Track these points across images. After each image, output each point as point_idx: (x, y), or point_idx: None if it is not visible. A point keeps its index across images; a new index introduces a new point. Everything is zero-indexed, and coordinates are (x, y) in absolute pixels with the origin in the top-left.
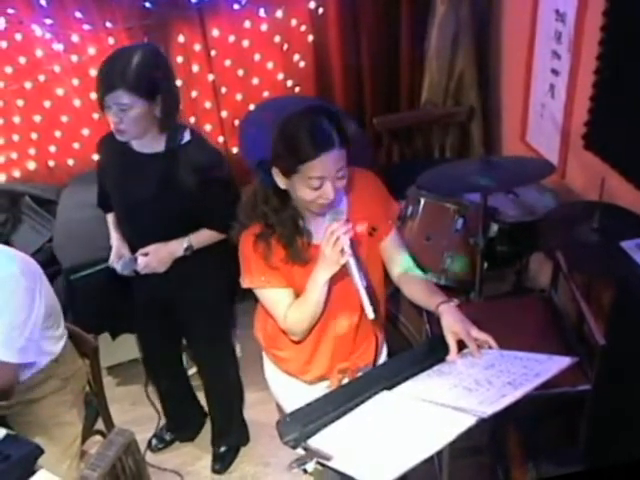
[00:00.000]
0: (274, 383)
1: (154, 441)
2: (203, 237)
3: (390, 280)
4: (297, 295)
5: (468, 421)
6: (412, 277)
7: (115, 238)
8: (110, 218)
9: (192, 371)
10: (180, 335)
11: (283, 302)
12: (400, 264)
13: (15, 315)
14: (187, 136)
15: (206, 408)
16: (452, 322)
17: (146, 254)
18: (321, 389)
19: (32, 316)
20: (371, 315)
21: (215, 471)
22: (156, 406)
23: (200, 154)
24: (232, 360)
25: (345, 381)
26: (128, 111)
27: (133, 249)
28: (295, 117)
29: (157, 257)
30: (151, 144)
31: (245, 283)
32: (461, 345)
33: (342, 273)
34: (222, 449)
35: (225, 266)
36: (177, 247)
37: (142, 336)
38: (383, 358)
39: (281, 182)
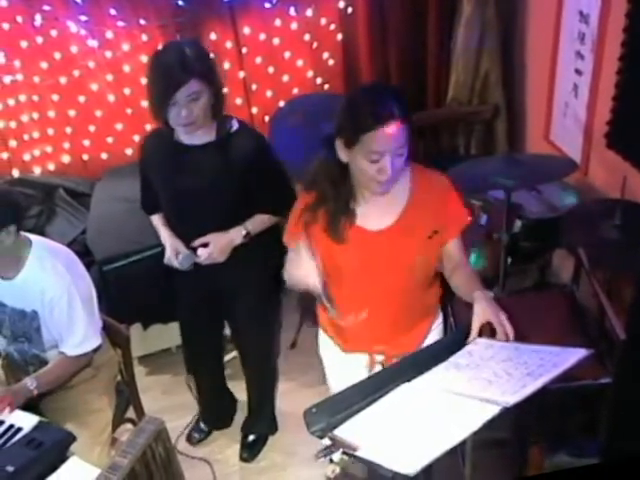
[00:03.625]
0: (320, 343)
1: (195, 435)
2: (259, 222)
3: None
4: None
5: (492, 410)
6: (462, 272)
7: (167, 236)
8: (156, 219)
9: (228, 357)
10: (223, 324)
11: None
12: (458, 265)
13: (93, 300)
14: (235, 124)
15: (236, 397)
16: (485, 306)
17: (205, 245)
18: (355, 361)
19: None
20: (331, 313)
21: (243, 459)
22: (175, 398)
23: (251, 140)
24: (274, 344)
25: (378, 365)
26: (199, 100)
27: (187, 244)
28: (360, 90)
29: (218, 246)
30: (202, 135)
31: (284, 237)
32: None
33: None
34: (251, 438)
35: (274, 253)
36: (236, 235)
37: (186, 326)
38: None
39: (343, 154)
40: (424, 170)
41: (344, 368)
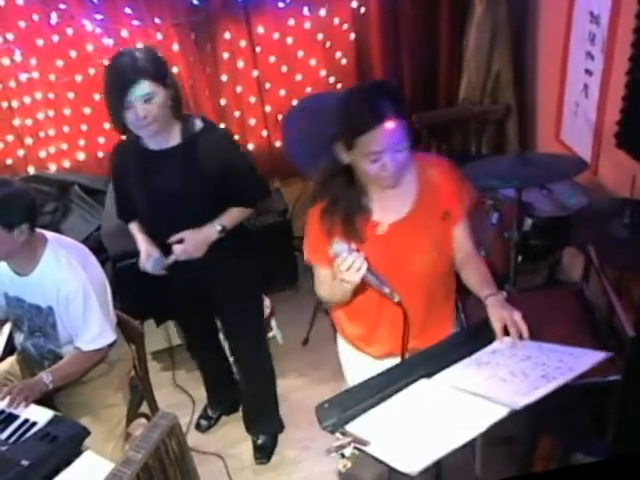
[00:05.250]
0: (344, 358)
1: (202, 422)
2: (233, 216)
3: None
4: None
5: (501, 412)
6: (474, 262)
7: (142, 241)
8: (133, 226)
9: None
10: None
11: (327, 282)
12: (468, 255)
13: (108, 296)
14: (199, 123)
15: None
16: (499, 308)
17: (180, 241)
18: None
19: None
20: (396, 299)
21: (259, 461)
22: (189, 393)
23: (216, 137)
24: (265, 347)
25: None
26: (152, 100)
27: (164, 248)
28: (352, 92)
29: (193, 242)
30: (167, 139)
31: (308, 258)
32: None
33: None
34: (261, 440)
35: (252, 255)
36: (211, 230)
37: (183, 323)
38: None
39: (344, 157)
40: (426, 156)
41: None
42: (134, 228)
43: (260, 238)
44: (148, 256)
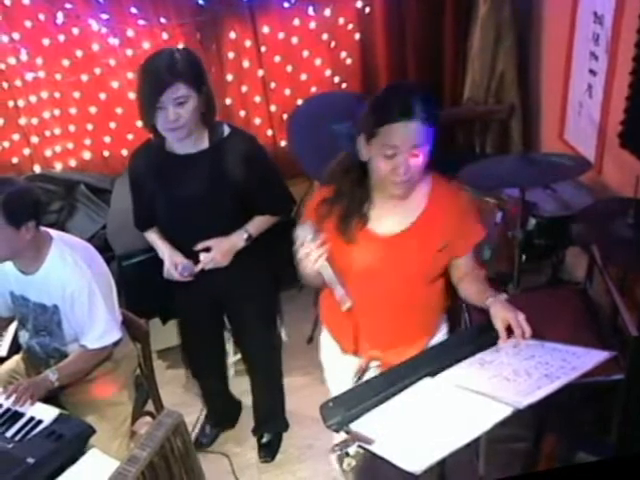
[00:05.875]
0: (324, 355)
1: (203, 439)
2: (259, 224)
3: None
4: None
5: (504, 411)
6: (470, 279)
7: (165, 248)
8: (151, 234)
9: (233, 359)
10: (223, 326)
11: None
12: (463, 271)
13: (113, 294)
14: (226, 129)
15: (238, 398)
16: (501, 309)
17: (207, 249)
18: (352, 365)
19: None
20: (347, 304)
21: (263, 459)
22: (194, 391)
23: (243, 144)
24: (277, 347)
25: (373, 370)
26: (186, 104)
27: (186, 255)
28: (389, 86)
29: (221, 251)
30: (195, 143)
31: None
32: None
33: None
34: (265, 439)
35: (270, 256)
36: (238, 238)
37: (188, 329)
38: None
39: (364, 151)
40: (445, 183)
41: (342, 371)
42: (153, 235)
43: (265, 237)
44: (173, 263)
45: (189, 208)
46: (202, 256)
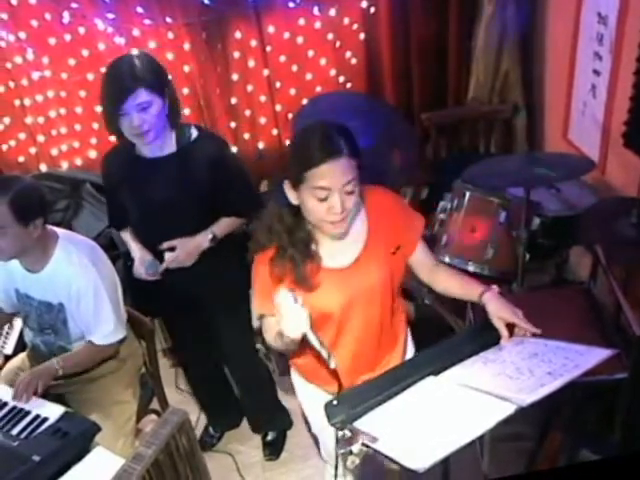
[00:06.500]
0: (301, 395)
1: (207, 440)
2: (225, 225)
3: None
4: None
5: (507, 409)
6: (443, 271)
7: (137, 249)
8: (125, 234)
9: None
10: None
11: (274, 329)
12: (433, 266)
13: (118, 292)
14: (194, 132)
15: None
16: (499, 307)
17: (172, 248)
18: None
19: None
20: (333, 365)
21: (268, 458)
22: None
23: (212, 146)
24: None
25: None
26: (149, 109)
27: (157, 256)
28: (307, 127)
29: (184, 250)
30: (162, 147)
31: (255, 306)
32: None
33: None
34: (270, 436)
35: (240, 258)
36: (202, 239)
37: (174, 332)
38: None
39: (292, 196)
40: (371, 189)
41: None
42: (127, 236)
43: (238, 236)
44: (142, 262)
45: (158, 211)
46: (167, 255)
